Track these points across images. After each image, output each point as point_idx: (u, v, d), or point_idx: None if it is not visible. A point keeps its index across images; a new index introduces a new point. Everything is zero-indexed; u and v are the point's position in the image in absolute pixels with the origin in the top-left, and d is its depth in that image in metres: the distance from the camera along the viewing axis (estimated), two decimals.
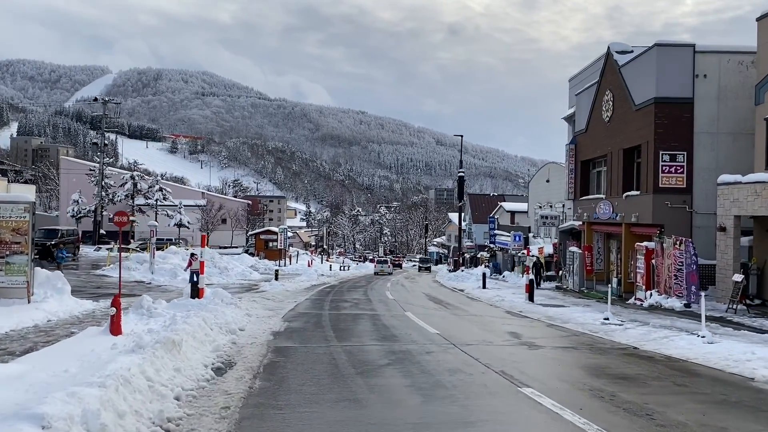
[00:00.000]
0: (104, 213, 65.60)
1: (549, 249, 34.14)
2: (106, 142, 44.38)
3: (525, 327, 11.64)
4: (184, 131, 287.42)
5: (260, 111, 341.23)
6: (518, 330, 11.07)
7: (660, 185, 19.13)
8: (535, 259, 24.83)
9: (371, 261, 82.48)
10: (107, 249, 32.62)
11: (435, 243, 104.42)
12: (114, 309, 7.85)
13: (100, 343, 7.03)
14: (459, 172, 36.06)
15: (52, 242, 29.16)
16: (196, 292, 11.83)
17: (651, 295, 18.30)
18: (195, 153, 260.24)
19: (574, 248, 26.79)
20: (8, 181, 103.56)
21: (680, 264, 17.03)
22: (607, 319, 12.79)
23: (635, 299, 19.33)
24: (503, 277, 40.01)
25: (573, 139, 26.99)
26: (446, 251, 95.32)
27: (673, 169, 19.14)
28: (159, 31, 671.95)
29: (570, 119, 31.91)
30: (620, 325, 12.04)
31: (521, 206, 61.39)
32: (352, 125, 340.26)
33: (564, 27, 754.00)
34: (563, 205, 35.64)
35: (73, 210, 63.10)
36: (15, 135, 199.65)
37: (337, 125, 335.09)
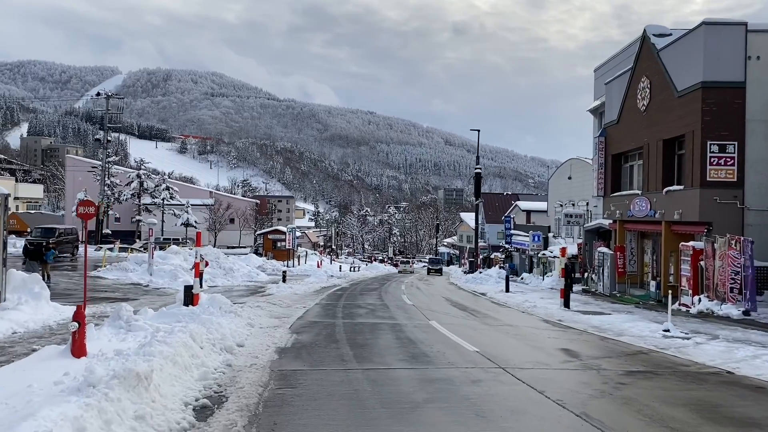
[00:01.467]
0: (110, 212, 64.52)
1: (572, 249, 32.25)
2: (109, 138, 42.88)
3: (575, 342, 9.84)
4: (194, 132, 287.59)
5: (269, 111, 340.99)
6: (570, 346, 9.28)
7: (707, 179, 17.23)
8: (566, 260, 22.95)
9: (381, 262, 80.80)
10: (107, 249, 31.11)
11: (445, 243, 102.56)
12: (76, 324, 6.16)
13: (49, 371, 5.32)
14: (476, 169, 34.24)
15: (48, 241, 27.70)
16: (190, 299, 10.15)
17: (699, 300, 16.43)
18: (204, 153, 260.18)
19: (603, 249, 24.91)
20: (16, 181, 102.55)
21: (737, 266, 15.15)
22: (668, 330, 10.97)
23: (680, 305, 17.45)
24: (522, 279, 38.16)
25: (602, 132, 25.11)
26: (458, 252, 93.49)
27: (722, 161, 17.24)
28: (165, 31, 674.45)
29: (596, 111, 30.03)
30: (686, 338, 10.22)
31: (537, 205, 59.43)
32: (361, 125, 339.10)
33: (572, 26, 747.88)
34: (587, 203, 33.74)
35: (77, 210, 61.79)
36: (25, 135, 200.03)
37: (345, 125, 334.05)
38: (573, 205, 36.15)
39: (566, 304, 16.13)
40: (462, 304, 17.28)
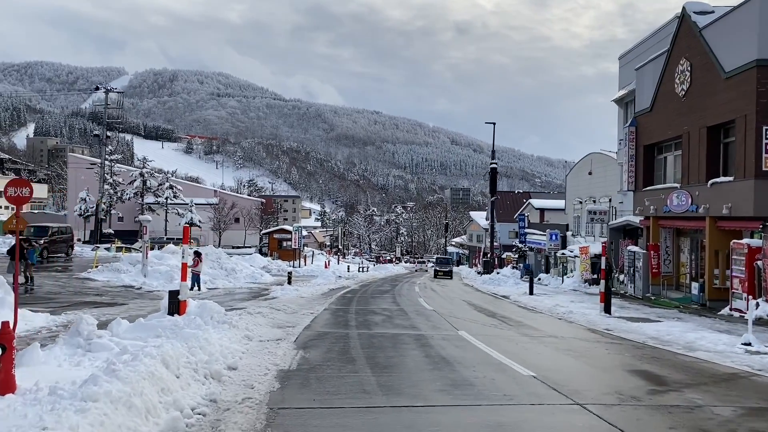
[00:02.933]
0: (112, 212, 63.05)
1: (595, 248, 30.37)
2: (108, 134, 41.26)
3: (644, 360, 8.03)
4: (200, 132, 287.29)
5: (275, 111, 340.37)
6: (642, 366, 7.48)
7: (763, 168, 15.36)
8: (605, 259, 21.05)
9: (389, 262, 78.97)
10: (104, 248, 29.49)
11: (453, 243, 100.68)
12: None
13: None
14: (491, 164, 32.39)
15: (41, 241, 26.14)
16: (175, 306, 8.42)
17: (758, 305, 14.55)
18: (210, 153, 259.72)
19: (633, 247, 23.05)
20: None
21: None
22: (749, 344, 9.14)
23: (731, 309, 15.60)
24: (540, 279, 36.31)
25: (632, 121, 23.22)
26: (467, 252, 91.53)
27: None
28: (168, 31, 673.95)
29: (621, 101, 28.17)
30: None
31: (552, 203, 57.58)
32: (367, 125, 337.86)
33: (576, 24, 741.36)
34: (610, 200, 31.87)
35: (80, 208, 60.46)
36: (32, 135, 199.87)
37: (351, 125, 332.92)
38: (594, 201, 34.26)
39: (607, 310, 14.30)
40: (488, 309, 15.46)
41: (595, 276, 29.55)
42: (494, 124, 33.50)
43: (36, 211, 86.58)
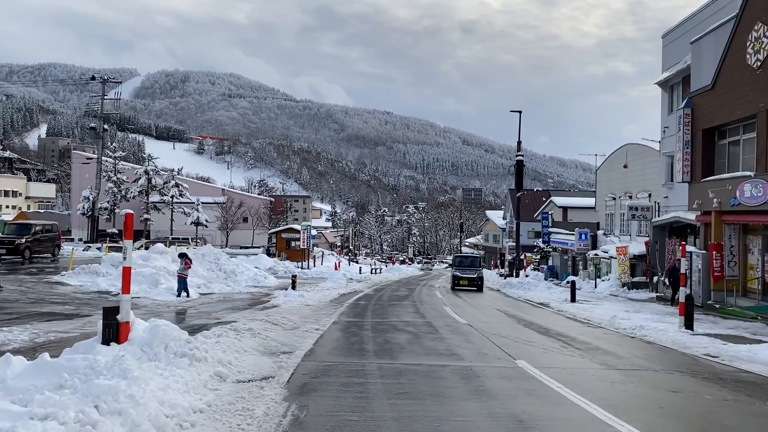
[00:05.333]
0: (116, 210, 60.86)
1: (635, 248, 27.36)
2: (105, 126, 38.84)
3: None
4: (211, 132, 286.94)
5: (286, 112, 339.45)
6: None
7: None
8: (682, 262, 18.10)
9: (402, 263, 76.13)
10: (96, 248, 26.96)
11: (467, 244, 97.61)
12: None
13: None
14: (517, 155, 29.50)
15: (23, 240, 23.68)
16: (113, 332, 5.69)
17: None
18: (221, 154, 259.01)
19: (691, 247, 20.02)
20: (28, 180, 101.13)
21: None
22: None
23: None
24: (568, 282, 33.32)
25: (687, 102, 20.22)
26: (483, 252, 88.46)
27: None
28: (175, 32, 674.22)
29: (666, 84, 25.16)
30: None
31: (576, 201, 54.57)
32: (377, 125, 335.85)
33: (585, 23, 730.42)
34: (649, 195, 28.84)
35: (83, 207, 58.25)
36: (44, 136, 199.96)
37: (362, 126, 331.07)
38: (630, 197, 31.25)
39: (689, 325, 11.38)
40: (535, 324, 12.58)
41: (637, 279, 26.58)
42: (520, 112, 30.66)
43: (42, 211, 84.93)
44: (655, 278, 24.66)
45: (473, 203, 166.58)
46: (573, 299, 18.64)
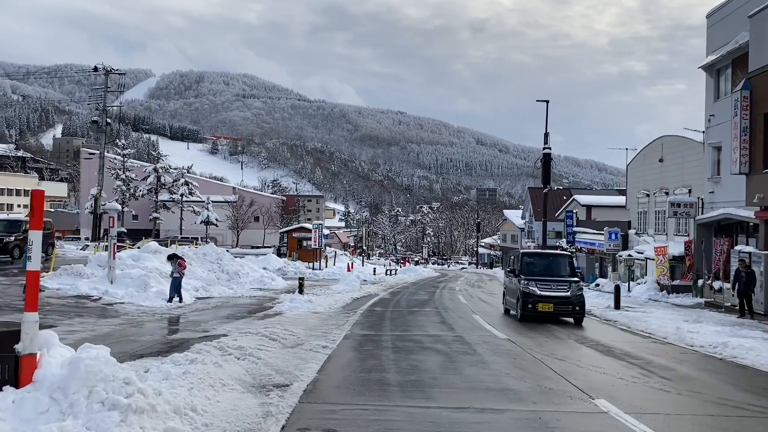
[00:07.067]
0: (125, 209, 59.52)
1: (675, 249, 25.07)
2: (108, 120, 37.25)
3: None
4: (225, 133, 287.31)
5: (300, 112, 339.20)
6: None
7: None
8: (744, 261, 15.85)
9: (417, 264, 74.05)
10: (97, 246, 25.32)
11: (483, 244, 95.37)
12: None
13: None
14: (545, 149, 27.30)
15: (11, 238, 22.02)
16: (11, 374, 3.72)
17: None
18: (235, 154, 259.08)
19: (748, 248, 17.76)
20: (39, 179, 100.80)
21: None
22: None
23: None
24: (598, 285, 31.11)
25: (745, 84, 17.95)
26: (499, 253, 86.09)
27: None
28: (186, 32, 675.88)
29: (712, 68, 22.84)
30: None
31: (599, 199, 52.33)
32: (391, 126, 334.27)
33: (597, 21, 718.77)
34: (689, 190, 26.52)
35: (91, 206, 56.96)
36: (59, 136, 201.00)
37: (375, 126, 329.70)
38: (666, 193, 28.93)
39: None
40: (588, 338, 10.46)
41: (677, 282, 24.29)
42: (547, 102, 28.51)
43: (53, 210, 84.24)
44: (700, 281, 22.40)
45: (488, 203, 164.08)
46: (617, 306, 16.45)
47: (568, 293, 13.18)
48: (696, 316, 14.89)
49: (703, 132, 24.03)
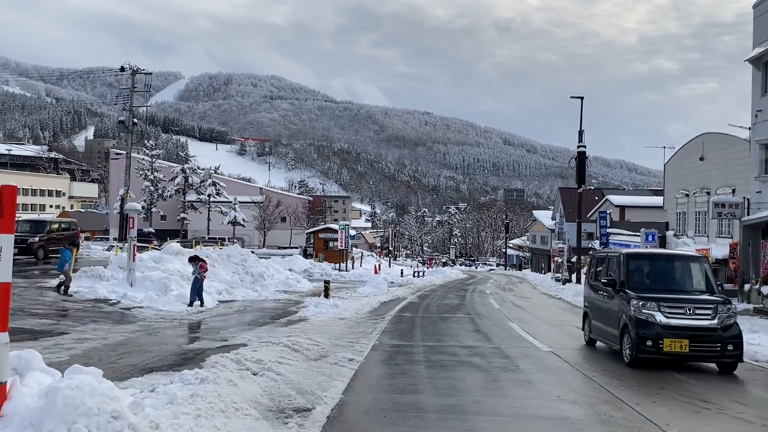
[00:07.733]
0: (153, 210, 60.01)
1: (718, 252, 23.71)
2: (135, 120, 37.36)
3: None
4: (253, 134, 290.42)
5: (326, 113, 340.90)
6: None
7: None
8: None
9: (444, 265, 73.09)
10: (119, 247, 25.15)
11: (511, 245, 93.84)
12: None
13: None
14: (579, 147, 26.26)
15: (36, 238, 21.95)
16: None
17: None
18: (263, 155, 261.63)
19: None
20: (71, 179, 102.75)
21: None
22: None
23: None
24: None
25: None
26: (528, 254, 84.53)
27: None
28: (214, 34, 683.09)
29: (759, 61, 21.46)
30: None
31: (634, 199, 50.72)
32: (417, 126, 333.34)
33: (626, 20, 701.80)
34: (733, 190, 25.08)
35: (118, 206, 57.58)
36: (91, 138, 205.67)
37: (402, 126, 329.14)
38: (708, 193, 27.49)
39: None
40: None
41: (719, 284, 22.96)
42: (582, 98, 27.41)
43: (83, 210, 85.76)
44: (747, 286, 21.07)
45: (515, 204, 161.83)
46: None
47: (714, 321, 8.21)
48: (749, 325, 13.78)
49: (749, 128, 22.66)
